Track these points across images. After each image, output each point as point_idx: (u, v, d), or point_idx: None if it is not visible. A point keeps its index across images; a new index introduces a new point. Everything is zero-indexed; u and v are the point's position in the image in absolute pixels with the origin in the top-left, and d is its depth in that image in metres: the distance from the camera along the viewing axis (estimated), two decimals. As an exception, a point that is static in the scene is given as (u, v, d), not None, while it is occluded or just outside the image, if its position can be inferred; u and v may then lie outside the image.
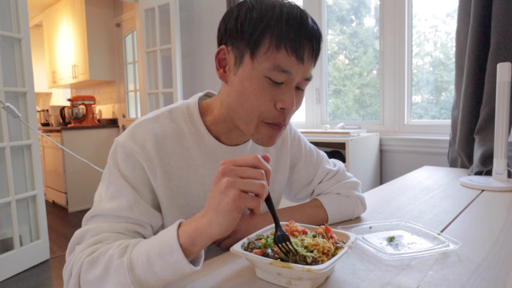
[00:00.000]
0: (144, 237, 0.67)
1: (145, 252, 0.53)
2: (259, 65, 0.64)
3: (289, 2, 0.66)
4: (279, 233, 0.59)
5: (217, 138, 0.75)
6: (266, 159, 0.54)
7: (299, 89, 0.69)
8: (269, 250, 0.59)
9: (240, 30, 0.64)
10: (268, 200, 0.58)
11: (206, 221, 0.51)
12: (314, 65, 0.69)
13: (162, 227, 0.74)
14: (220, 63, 0.70)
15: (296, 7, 0.65)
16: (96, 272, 0.54)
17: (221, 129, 0.75)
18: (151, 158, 0.68)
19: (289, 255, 0.58)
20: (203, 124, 0.74)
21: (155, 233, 0.75)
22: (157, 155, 0.68)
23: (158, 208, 0.71)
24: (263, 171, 0.52)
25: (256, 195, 0.51)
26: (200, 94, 0.80)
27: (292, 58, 0.63)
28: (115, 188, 0.65)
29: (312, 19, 0.66)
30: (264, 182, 0.52)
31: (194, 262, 0.55)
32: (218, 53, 0.69)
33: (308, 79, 0.68)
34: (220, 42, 0.70)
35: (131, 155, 0.67)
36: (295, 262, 0.56)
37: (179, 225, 0.54)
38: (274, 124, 0.68)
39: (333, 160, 0.97)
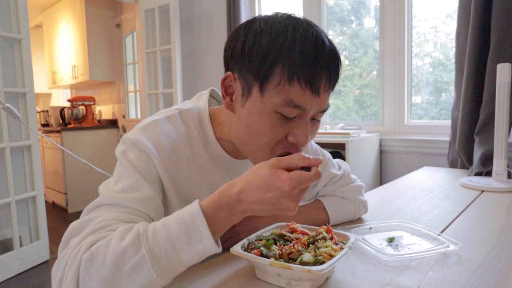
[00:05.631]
0: None
1: (168, 241, 0.49)
2: (269, 100, 0.58)
3: (302, 22, 0.59)
4: None
5: (225, 150, 0.73)
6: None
7: (315, 119, 0.64)
8: (264, 250, 0.59)
9: (247, 58, 0.59)
10: None
11: (241, 216, 0.52)
12: (331, 93, 0.63)
13: None
14: (226, 91, 0.65)
15: (311, 28, 0.58)
16: (102, 272, 0.48)
17: (228, 146, 0.72)
18: (163, 158, 0.64)
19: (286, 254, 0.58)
20: (213, 132, 0.71)
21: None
22: (169, 157, 0.65)
23: (165, 209, 0.68)
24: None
25: None
26: (206, 94, 0.77)
27: (306, 92, 0.57)
28: (129, 182, 0.60)
29: (329, 41, 0.59)
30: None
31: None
32: (224, 80, 0.64)
33: (324, 111, 0.63)
34: (226, 66, 0.65)
35: (144, 152, 0.63)
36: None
37: (202, 210, 0.51)
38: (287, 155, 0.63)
39: (337, 161, 0.95)
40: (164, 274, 0.49)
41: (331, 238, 0.63)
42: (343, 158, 2.14)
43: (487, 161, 1.49)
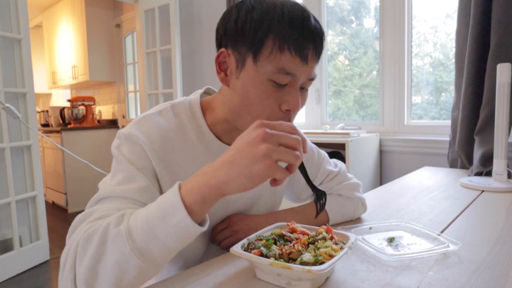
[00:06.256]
0: None
1: (145, 217, 0.50)
2: (262, 68, 0.63)
3: (289, 1, 0.65)
4: (316, 191, 0.63)
5: (218, 137, 0.75)
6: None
7: (303, 89, 0.68)
8: (264, 250, 0.59)
9: (240, 32, 0.63)
10: (301, 167, 0.61)
11: (223, 177, 0.48)
12: (317, 63, 0.68)
13: None
14: (221, 67, 0.68)
15: (297, 5, 0.64)
16: (91, 247, 0.50)
17: (222, 129, 0.75)
18: (156, 150, 0.67)
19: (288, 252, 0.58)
20: (204, 121, 0.74)
21: None
22: (162, 148, 0.68)
23: None
24: (300, 139, 0.51)
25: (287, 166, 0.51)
26: (201, 91, 0.80)
27: (296, 59, 0.62)
28: (124, 175, 0.63)
29: (314, 18, 0.65)
30: (299, 153, 0.50)
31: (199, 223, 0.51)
32: (218, 56, 0.68)
33: (312, 79, 0.67)
34: (219, 45, 0.69)
35: (137, 145, 0.66)
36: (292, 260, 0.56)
37: (180, 186, 0.51)
38: None
39: (334, 160, 0.96)
40: (140, 251, 0.49)
41: (331, 238, 0.63)
42: (343, 158, 2.14)
43: (487, 161, 1.49)
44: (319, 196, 0.63)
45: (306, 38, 0.62)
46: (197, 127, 0.74)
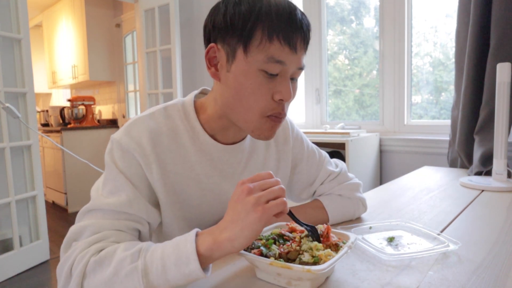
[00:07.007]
0: (143, 235, 0.67)
1: (160, 259, 0.53)
2: (253, 59, 0.63)
3: None
4: (309, 228, 0.63)
5: (213, 137, 0.75)
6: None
7: (293, 79, 0.69)
8: (264, 250, 0.59)
9: (230, 25, 0.64)
10: (289, 213, 0.62)
11: (228, 236, 0.53)
12: (305, 54, 0.70)
13: (161, 225, 0.74)
14: (211, 62, 0.69)
15: None
16: (104, 273, 0.53)
17: (216, 127, 0.74)
18: (147, 154, 0.67)
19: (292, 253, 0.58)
20: (198, 122, 0.73)
21: (155, 231, 0.75)
22: (153, 152, 0.68)
23: (156, 205, 0.70)
24: (278, 180, 0.57)
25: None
26: (196, 91, 0.80)
27: (285, 48, 0.63)
28: (114, 184, 0.64)
29: (300, 10, 0.66)
30: (283, 186, 0.56)
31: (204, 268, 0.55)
32: (207, 51, 0.68)
33: (301, 68, 0.68)
34: (208, 40, 0.69)
35: (127, 152, 0.66)
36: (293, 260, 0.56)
37: (196, 234, 0.55)
38: (275, 116, 0.68)
39: (335, 160, 0.96)
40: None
41: (327, 236, 0.63)
42: (343, 157, 2.14)
43: (487, 160, 1.49)
44: (313, 232, 0.63)
45: (294, 28, 0.63)
46: (190, 128, 0.73)
